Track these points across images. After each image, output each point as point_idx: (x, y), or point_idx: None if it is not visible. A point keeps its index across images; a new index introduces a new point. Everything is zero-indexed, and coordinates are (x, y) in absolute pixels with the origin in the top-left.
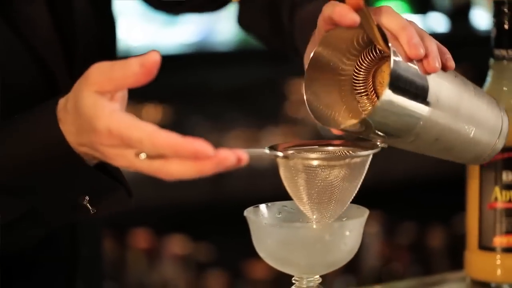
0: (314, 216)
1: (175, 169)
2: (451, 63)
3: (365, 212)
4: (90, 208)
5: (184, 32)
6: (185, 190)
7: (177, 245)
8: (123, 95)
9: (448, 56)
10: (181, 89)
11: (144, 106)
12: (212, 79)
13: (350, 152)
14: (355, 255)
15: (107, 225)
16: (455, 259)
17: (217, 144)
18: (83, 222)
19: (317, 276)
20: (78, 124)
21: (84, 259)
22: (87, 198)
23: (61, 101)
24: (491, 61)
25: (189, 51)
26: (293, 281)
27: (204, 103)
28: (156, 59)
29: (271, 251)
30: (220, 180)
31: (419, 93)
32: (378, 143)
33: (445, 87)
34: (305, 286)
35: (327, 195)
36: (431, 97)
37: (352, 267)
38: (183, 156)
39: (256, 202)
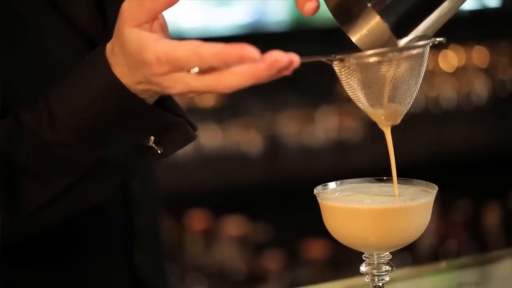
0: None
1: (230, 80)
2: None
3: (434, 188)
4: (157, 148)
5: (238, 13)
6: (241, 171)
7: (234, 226)
8: (161, 24)
9: None
10: None
11: None
12: None
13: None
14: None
15: (165, 206)
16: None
17: (271, 125)
18: (137, 194)
19: (387, 253)
20: (129, 63)
21: (140, 232)
22: (152, 138)
23: (108, 47)
24: None
25: (242, 32)
26: (364, 258)
27: (258, 84)
28: None
29: (341, 229)
30: (276, 160)
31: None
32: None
33: None
34: (375, 262)
35: (388, 94)
36: None
37: (408, 245)
38: (231, 62)
39: (311, 182)
